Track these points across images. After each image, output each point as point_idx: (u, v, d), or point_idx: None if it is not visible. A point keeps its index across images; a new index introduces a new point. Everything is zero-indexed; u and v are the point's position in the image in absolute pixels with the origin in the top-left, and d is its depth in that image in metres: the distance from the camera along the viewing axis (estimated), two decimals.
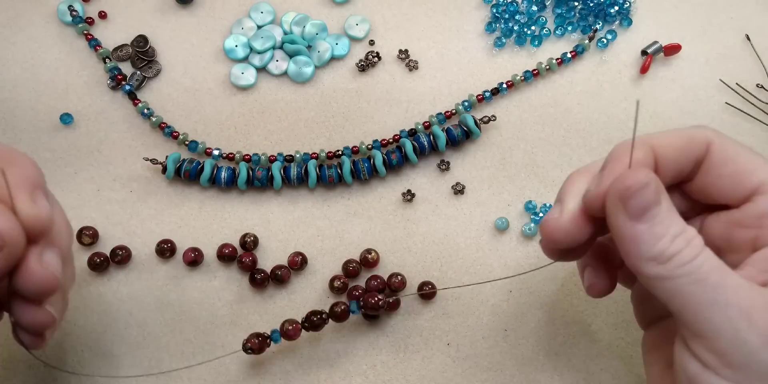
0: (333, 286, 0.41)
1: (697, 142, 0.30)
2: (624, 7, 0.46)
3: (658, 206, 0.27)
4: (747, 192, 0.29)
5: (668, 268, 0.26)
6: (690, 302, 0.26)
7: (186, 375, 0.41)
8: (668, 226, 0.27)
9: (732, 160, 0.29)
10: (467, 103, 0.44)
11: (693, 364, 0.27)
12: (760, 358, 0.25)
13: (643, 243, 0.27)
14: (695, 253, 0.26)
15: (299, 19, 0.46)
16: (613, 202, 0.27)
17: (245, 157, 0.44)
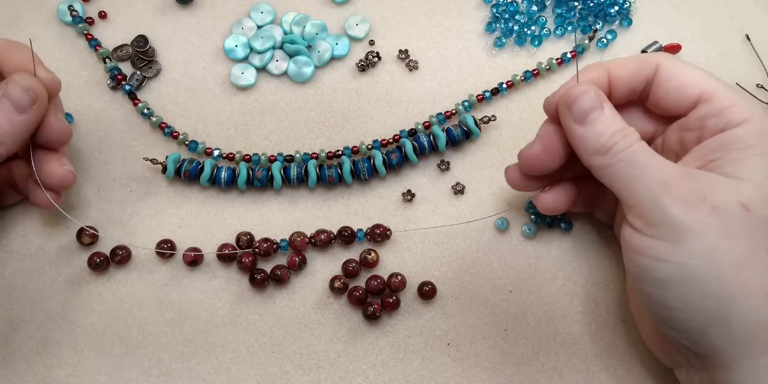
0: (333, 286, 0.41)
1: (647, 64, 0.35)
2: (624, 7, 0.46)
3: (599, 111, 0.33)
4: (691, 101, 0.34)
5: (607, 158, 0.32)
6: (623, 180, 0.32)
7: (186, 375, 0.41)
8: (608, 125, 0.33)
9: (676, 76, 0.34)
10: (467, 103, 0.44)
11: (627, 230, 0.33)
12: (672, 214, 0.30)
13: (588, 140, 0.33)
14: (629, 143, 0.32)
15: (299, 19, 0.46)
16: (562, 110, 0.34)
17: (245, 157, 0.44)
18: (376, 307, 0.41)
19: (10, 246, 0.43)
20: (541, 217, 0.42)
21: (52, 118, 0.37)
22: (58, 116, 0.37)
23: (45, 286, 0.42)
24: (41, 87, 0.36)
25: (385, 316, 0.42)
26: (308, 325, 0.42)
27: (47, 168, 0.37)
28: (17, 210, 0.43)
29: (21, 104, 0.35)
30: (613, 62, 0.36)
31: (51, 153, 0.38)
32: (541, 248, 0.43)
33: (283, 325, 0.42)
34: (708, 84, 0.34)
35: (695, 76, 0.34)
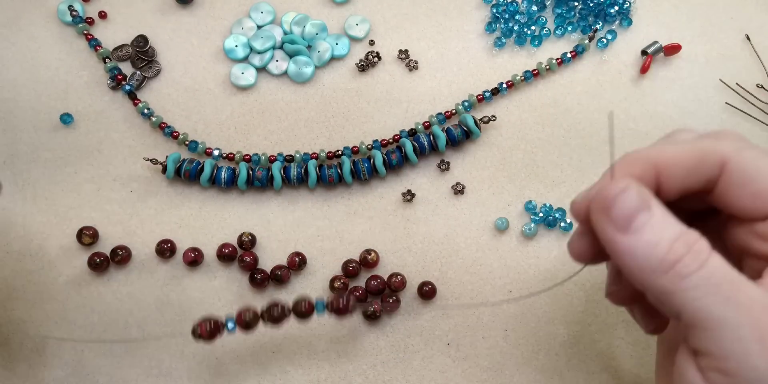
0: (334, 286, 0.41)
1: (709, 160, 0.27)
2: (624, 7, 0.46)
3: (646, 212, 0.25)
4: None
5: (672, 279, 0.24)
6: (698, 318, 0.24)
7: (186, 374, 0.41)
8: (662, 230, 0.25)
9: (752, 179, 0.26)
10: (467, 103, 0.44)
11: (695, 378, 0.25)
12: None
13: (639, 255, 0.25)
14: (701, 260, 0.24)
15: (299, 19, 0.46)
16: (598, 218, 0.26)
17: (245, 157, 0.44)
18: (376, 307, 0.41)
19: (10, 246, 0.43)
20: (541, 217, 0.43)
21: None
22: None
23: (45, 286, 0.42)
24: None
25: (385, 316, 0.42)
26: (308, 325, 0.42)
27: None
28: (17, 210, 0.43)
29: None
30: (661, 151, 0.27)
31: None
32: (541, 248, 0.43)
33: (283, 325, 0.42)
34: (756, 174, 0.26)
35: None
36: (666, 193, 0.27)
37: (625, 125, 0.44)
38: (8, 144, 0.44)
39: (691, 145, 0.27)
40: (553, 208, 0.43)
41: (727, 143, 0.27)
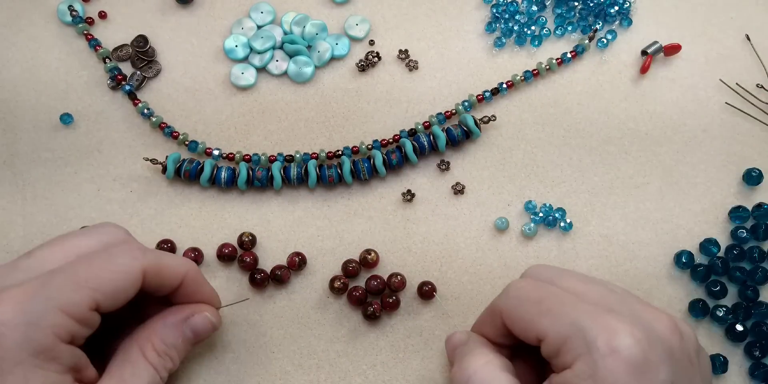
0: (333, 286, 0.41)
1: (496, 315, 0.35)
2: (624, 7, 0.46)
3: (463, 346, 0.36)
4: (536, 341, 0.33)
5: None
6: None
7: (185, 375, 0.41)
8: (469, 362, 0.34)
9: (515, 321, 0.34)
10: (467, 103, 0.44)
11: None
12: None
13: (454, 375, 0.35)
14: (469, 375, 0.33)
15: (299, 19, 0.46)
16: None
17: (245, 157, 0.44)
18: (376, 307, 0.41)
19: (10, 246, 0.43)
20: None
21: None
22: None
23: None
24: (220, 322, 0.38)
25: (385, 316, 0.42)
26: (308, 325, 0.42)
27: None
28: (17, 210, 0.43)
29: (200, 335, 0.37)
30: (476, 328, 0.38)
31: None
32: (541, 248, 0.43)
33: (282, 325, 0.42)
34: (537, 324, 0.32)
35: (533, 319, 0.33)
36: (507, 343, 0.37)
37: (625, 125, 0.44)
38: (8, 144, 0.44)
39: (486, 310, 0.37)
40: (553, 208, 0.43)
41: (502, 300, 0.35)
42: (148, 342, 0.35)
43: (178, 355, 0.36)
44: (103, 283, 0.32)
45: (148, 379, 0.34)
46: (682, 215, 0.43)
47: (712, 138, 0.44)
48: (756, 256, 0.42)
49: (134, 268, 0.33)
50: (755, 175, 0.43)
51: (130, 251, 0.34)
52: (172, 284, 0.36)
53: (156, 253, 0.35)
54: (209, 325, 0.37)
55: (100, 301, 0.32)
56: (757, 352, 0.41)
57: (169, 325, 0.36)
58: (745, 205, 0.43)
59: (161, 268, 0.35)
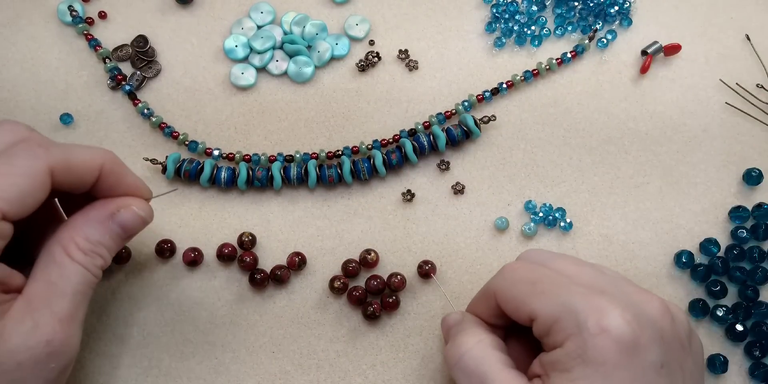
0: (333, 286, 0.41)
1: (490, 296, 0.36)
2: (624, 7, 0.46)
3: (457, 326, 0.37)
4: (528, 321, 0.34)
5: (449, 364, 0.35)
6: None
7: (185, 375, 0.41)
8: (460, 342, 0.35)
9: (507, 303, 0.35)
10: (467, 103, 0.44)
11: None
12: None
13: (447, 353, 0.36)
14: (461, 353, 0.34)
15: (299, 19, 0.46)
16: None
17: (245, 157, 0.44)
18: (375, 307, 0.41)
19: None
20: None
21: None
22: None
23: None
24: (151, 214, 0.35)
25: (384, 316, 0.42)
26: (308, 325, 0.42)
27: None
28: None
29: (130, 231, 0.34)
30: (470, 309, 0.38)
31: None
32: (542, 248, 0.43)
33: (282, 325, 0.42)
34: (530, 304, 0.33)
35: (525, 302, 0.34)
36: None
37: (625, 125, 0.44)
38: None
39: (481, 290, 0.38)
40: (553, 208, 0.43)
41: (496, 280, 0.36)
42: (71, 241, 0.32)
43: (107, 252, 0.33)
44: (5, 188, 0.29)
45: (78, 278, 0.32)
46: (682, 215, 0.43)
47: (712, 138, 0.44)
48: (756, 256, 0.42)
49: (38, 168, 0.30)
50: (755, 175, 0.43)
51: (30, 150, 0.30)
52: (88, 180, 0.33)
53: (63, 146, 0.32)
54: (139, 220, 0.34)
55: (5, 209, 0.29)
56: (757, 352, 0.41)
57: (93, 221, 0.33)
58: (745, 205, 0.43)
59: (71, 164, 0.31)
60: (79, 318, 0.32)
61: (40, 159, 0.30)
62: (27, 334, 0.30)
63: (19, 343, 0.30)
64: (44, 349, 0.30)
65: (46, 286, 0.31)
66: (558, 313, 0.32)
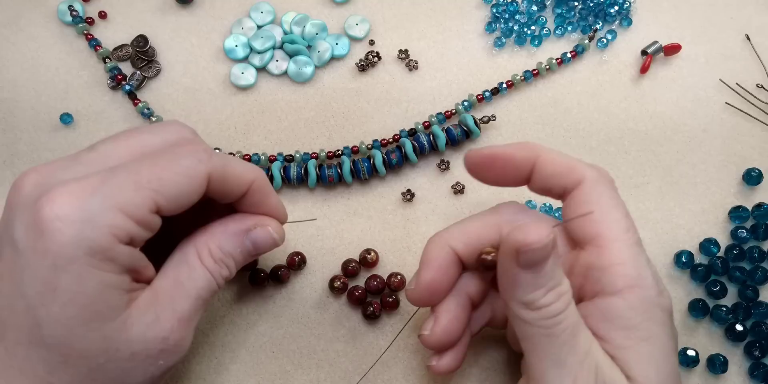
0: (333, 286, 0.41)
1: (573, 174, 0.33)
2: (624, 7, 0.46)
3: (546, 261, 0.29)
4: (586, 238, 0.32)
5: (533, 316, 0.29)
6: (536, 350, 0.30)
7: (185, 375, 0.41)
8: (549, 278, 0.29)
9: (587, 204, 0.32)
10: (467, 103, 0.44)
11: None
12: None
13: (521, 289, 0.30)
14: (560, 309, 0.29)
15: (299, 19, 0.46)
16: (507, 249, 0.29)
17: (245, 157, 0.44)
18: (375, 306, 0.41)
19: None
20: None
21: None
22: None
23: None
24: (283, 238, 0.36)
25: (384, 316, 0.42)
26: (308, 325, 0.42)
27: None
28: None
29: (260, 249, 0.35)
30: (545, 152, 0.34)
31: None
32: None
33: (282, 325, 0.42)
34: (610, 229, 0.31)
35: (606, 214, 0.32)
36: (534, 180, 0.34)
37: (625, 125, 0.44)
38: (8, 144, 0.44)
39: (568, 158, 0.34)
40: (553, 208, 0.43)
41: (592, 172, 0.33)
42: (206, 246, 0.33)
43: (234, 265, 0.34)
44: (166, 184, 0.30)
45: (203, 283, 0.33)
46: (682, 215, 0.43)
47: (712, 138, 0.44)
48: (756, 256, 0.42)
49: (199, 171, 0.31)
50: (755, 175, 0.43)
51: (195, 153, 0.31)
52: (238, 191, 0.34)
53: (224, 157, 0.33)
54: (270, 240, 0.35)
55: (162, 204, 0.30)
56: (756, 352, 0.41)
57: (230, 232, 0.34)
58: (745, 205, 0.43)
59: (227, 174, 0.32)
60: (195, 322, 0.33)
61: (203, 163, 0.31)
62: (148, 326, 0.30)
63: (139, 334, 0.30)
64: (159, 345, 0.31)
65: (174, 284, 0.32)
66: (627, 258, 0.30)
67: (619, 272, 0.30)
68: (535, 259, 0.29)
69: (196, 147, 0.32)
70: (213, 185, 0.32)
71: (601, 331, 0.30)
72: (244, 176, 0.34)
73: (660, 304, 0.31)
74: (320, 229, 0.43)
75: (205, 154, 0.32)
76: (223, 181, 0.32)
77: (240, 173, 0.33)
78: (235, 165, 0.33)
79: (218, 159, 0.32)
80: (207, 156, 0.32)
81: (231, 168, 0.33)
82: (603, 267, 0.31)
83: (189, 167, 0.31)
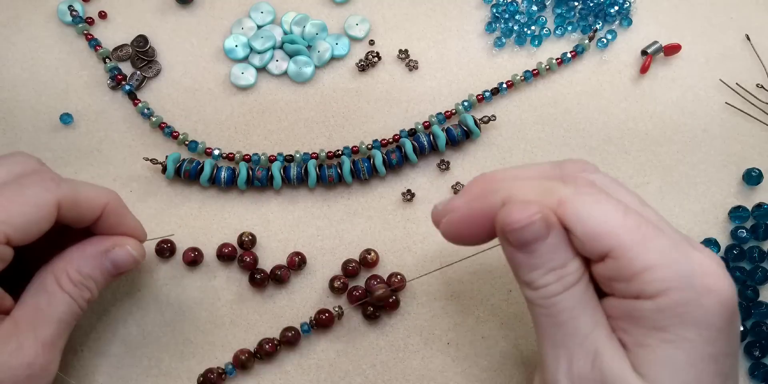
0: (333, 286, 0.41)
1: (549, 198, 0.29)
2: (624, 7, 0.46)
3: (542, 241, 0.28)
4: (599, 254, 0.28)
5: (533, 296, 0.29)
6: (538, 329, 0.30)
7: (186, 375, 0.41)
8: (547, 259, 0.29)
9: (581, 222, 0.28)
10: (467, 103, 0.44)
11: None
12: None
13: (520, 268, 0.29)
14: (558, 290, 0.29)
15: (299, 19, 0.46)
16: (498, 229, 0.29)
17: (245, 157, 0.44)
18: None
19: None
20: None
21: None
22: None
23: None
24: (143, 256, 0.37)
25: (384, 316, 0.42)
26: None
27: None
28: None
29: (121, 269, 0.36)
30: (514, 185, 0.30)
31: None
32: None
33: (282, 325, 0.42)
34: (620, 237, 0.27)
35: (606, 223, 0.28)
36: None
37: (625, 125, 0.44)
38: (8, 144, 0.44)
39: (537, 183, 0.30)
40: None
41: (566, 187, 0.29)
42: (64, 272, 0.34)
43: (96, 286, 0.35)
44: (13, 215, 0.31)
45: (64, 308, 0.33)
46: (682, 215, 0.43)
47: (712, 138, 0.44)
48: (756, 256, 0.42)
49: (47, 200, 0.32)
50: (755, 175, 0.43)
51: (42, 182, 0.32)
52: (91, 215, 0.34)
53: (72, 183, 0.34)
54: (131, 259, 0.36)
55: (10, 235, 0.31)
56: (757, 352, 0.41)
57: (87, 255, 0.35)
58: (745, 205, 0.43)
59: (78, 200, 0.33)
60: (60, 346, 0.34)
61: (50, 192, 0.32)
62: (10, 354, 0.31)
63: (2, 363, 0.31)
64: (25, 371, 0.32)
65: (34, 311, 0.33)
66: (654, 260, 0.27)
67: (647, 279, 0.27)
68: (524, 239, 0.28)
69: (42, 176, 0.33)
70: (64, 212, 0.32)
71: (623, 326, 0.29)
72: (95, 200, 0.34)
73: (704, 304, 0.27)
74: (320, 229, 0.43)
75: (53, 183, 0.32)
76: (75, 207, 0.33)
77: (91, 197, 0.34)
78: (85, 190, 0.34)
79: (67, 186, 0.33)
80: (54, 184, 0.32)
81: (81, 193, 0.33)
82: (626, 278, 0.28)
83: (36, 197, 0.31)
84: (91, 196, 0.34)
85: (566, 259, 0.29)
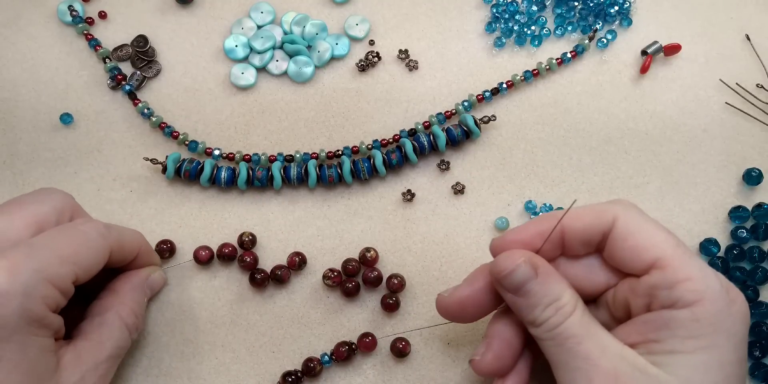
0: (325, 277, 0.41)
1: (604, 217, 0.33)
2: (624, 7, 0.46)
3: (532, 281, 0.32)
4: (645, 265, 0.32)
5: (539, 332, 0.32)
6: (551, 360, 0.32)
7: (185, 375, 0.41)
8: (542, 296, 0.32)
9: (632, 235, 0.32)
10: (467, 103, 0.44)
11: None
12: None
13: (522, 310, 0.33)
14: (559, 321, 0.32)
15: (299, 19, 0.46)
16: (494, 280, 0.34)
17: (245, 157, 0.44)
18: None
19: None
20: None
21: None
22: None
23: None
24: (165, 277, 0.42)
25: (384, 317, 0.42)
26: (308, 325, 0.42)
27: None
28: None
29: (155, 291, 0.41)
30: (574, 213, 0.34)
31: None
32: None
33: (283, 325, 0.42)
34: (665, 249, 0.32)
35: (653, 237, 0.32)
36: (570, 246, 0.34)
37: (625, 125, 0.44)
38: (8, 144, 0.44)
39: (592, 207, 0.34)
40: (553, 208, 0.43)
41: (619, 207, 0.33)
42: (124, 305, 0.37)
43: (143, 314, 0.39)
44: (82, 258, 0.34)
45: (122, 343, 0.37)
46: (682, 215, 0.43)
47: (712, 138, 0.44)
48: (756, 256, 0.42)
49: (104, 246, 0.35)
50: (755, 175, 0.43)
51: (97, 229, 0.35)
52: (131, 258, 0.39)
53: (115, 229, 0.37)
54: (162, 281, 0.42)
55: (79, 275, 0.34)
56: (757, 352, 0.41)
57: (136, 287, 0.39)
58: (745, 205, 0.43)
59: (123, 245, 0.37)
60: (109, 379, 0.36)
61: (105, 238, 0.35)
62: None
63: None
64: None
65: (96, 344, 0.35)
66: (693, 272, 0.31)
67: (688, 288, 0.31)
68: (516, 283, 0.32)
69: (96, 224, 0.36)
70: (113, 256, 0.36)
71: (656, 335, 0.31)
72: (134, 245, 0.39)
73: (732, 314, 0.31)
74: (320, 229, 0.43)
75: (106, 229, 0.36)
76: (121, 251, 0.37)
77: (132, 242, 0.39)
78: (126, 236, 0.38)
79: (114, 233, 0.37)
80: (107, 231, 0.36)
81: (125, 240, 0.38)
82: (670, 285, 0.31)
83: (96, 242, 0.35)
84: (131, 240, 0.39)
85: (560, 291, 0.32)
